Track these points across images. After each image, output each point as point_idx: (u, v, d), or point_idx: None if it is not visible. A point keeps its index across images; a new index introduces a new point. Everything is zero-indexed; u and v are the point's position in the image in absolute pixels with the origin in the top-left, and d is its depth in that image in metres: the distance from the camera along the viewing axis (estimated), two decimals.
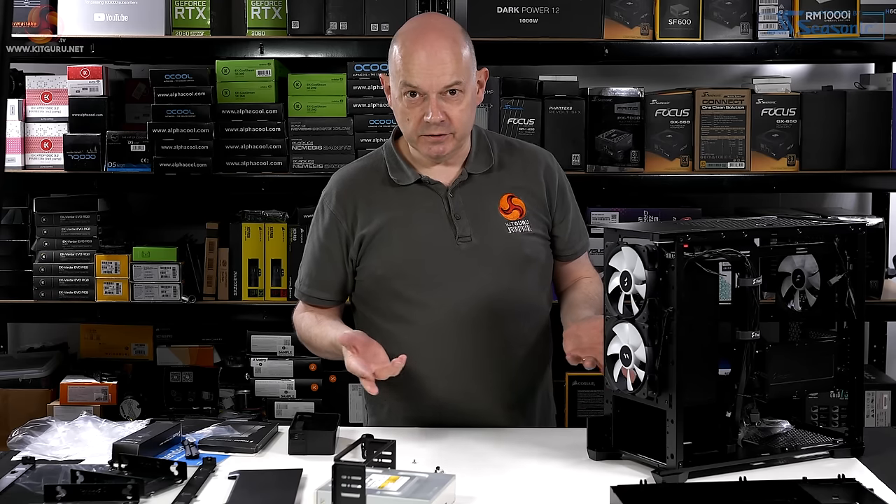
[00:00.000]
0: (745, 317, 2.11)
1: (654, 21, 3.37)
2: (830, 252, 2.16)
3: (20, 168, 3.49)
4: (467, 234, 2.43)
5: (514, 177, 2.51)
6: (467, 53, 2.41)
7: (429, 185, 2.47)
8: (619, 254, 2.07)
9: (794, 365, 2.14)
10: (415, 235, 2.44)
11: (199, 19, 3.47)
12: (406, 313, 2.44)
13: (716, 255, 2.03)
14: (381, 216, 2.45)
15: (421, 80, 2.35)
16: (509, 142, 2.60)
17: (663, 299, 2.00)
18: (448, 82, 2.36)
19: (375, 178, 2.50)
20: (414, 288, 2.43)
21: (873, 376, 3.57)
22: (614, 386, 2.11)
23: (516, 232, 2.46)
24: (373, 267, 2.46)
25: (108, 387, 3.50)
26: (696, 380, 2.05)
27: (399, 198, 2.47)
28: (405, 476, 1.95)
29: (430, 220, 2.45)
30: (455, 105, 2.38)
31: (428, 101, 2.36)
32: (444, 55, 2.36)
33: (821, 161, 3.44)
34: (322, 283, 2.53)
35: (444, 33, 2.40)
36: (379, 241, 2.45)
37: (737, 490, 1.92)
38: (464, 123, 2.41)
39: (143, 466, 2.04)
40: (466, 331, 2.42)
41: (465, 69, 2.39)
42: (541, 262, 2.51)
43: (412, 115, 2.39)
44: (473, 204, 2.46)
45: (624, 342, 2.06)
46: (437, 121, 2.36)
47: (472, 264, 2.42)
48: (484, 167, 2.50)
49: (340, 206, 2.49)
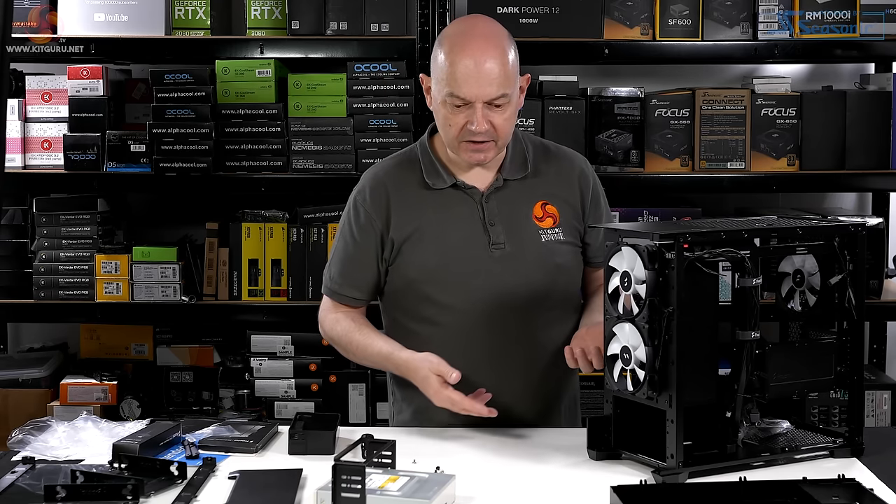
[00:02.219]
0: (745, 317, 2.10)
1: (654, 21, 3.37)
2: (830, 252, 2.16)
3: (20, 168, 3.49)
4: (501, 242, 2.42)
5: (548, 184, 2.49)
6: (513, 62, 2.37)
7: (464, 189, 2.45)
8: (619, 254, 2.06)
9: (794, 365, 2.14)
10: (449, 241, 2.42)
11: (199, 19, 3.47)
12: (435, 316, 2.44)
13: (716, 255, 2.03)
14: (415, 219, 2.44)
15: (468, 92, 2.31)
16: (545, 146, 2.57)
17: (663, 299, 2.00)
18: (495, 94, 2.32)
19: (410, 178, 2.47)
20: (445, 292, 2.42)
21: (873, 376, 3.58)
22: (614, 386, 2.11)
23: (549, 240, 2.45)
24: (405, 269, 2.45)
25: (108, 387, 3.50)
26: (696, 380, 2.05)
27: (434, 201, 2.45)
28: (405, 476, 1.95)
29: (465, 225, 2.43)
30: (500, 114, 2.35)
31: (472, 109, 2.32)
32: (492, 66, 2.31)
33: (821, 161, 3.44)
34: (354, 282, 2.51)
35: (491, 41, 2.34)
36: (413, 244, 2.44)
37: (737, 490, 1.92)
38: (507, 132, 2.39)
39: (143, 466, 2.04)
40: (495, 335, 2.41)
41: (512, 79, 2.35)
42: (571, 270, 2.50)
43: (455, 122, 2.35)
44: (508, 211, 2.44)
45: (624, 342, 2.06)
46: (482, 129, 2.33)
47: (504, 271, 2.41)
48: (520, 173, 2.47)
49: (375, 206, 2.46)
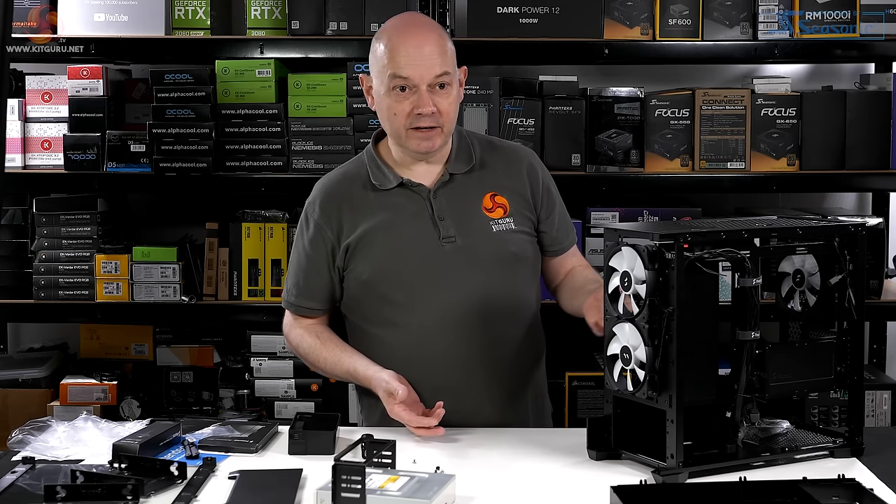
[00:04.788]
0: (745, 317, 2.11)
1: (654, 21, 3.37)
2: (830, 252, 2.16)
3: (20, 168, 3.49)
4: (451, 235, 2.44)
5: (496, 175, 2.52)
6: (451, 48, 2.44)
7: (411, 187, 2.47)
8: (619, 254, 2.06)
9: (794, 365, 2.14)
10: (399, 239, 2.44)
11: (199, 19, 3.47)
12: (394, 317, 2.45)
13: (716, 255, 2.03)
14: (365, 222, 2.46)
15: (411, 71, 2.36)
16: (490, 141, 2.61)
17: (663, 299, 2.00)
18: (438, 72, 2.37)
19: (357, 183, 2.51)
20: (400, 291, 2.43)
21: (873, 376, 3.57)
22: (614, 386, 2.11)
23: (501, 230, 2.47)
24: (359, 272, 2.46)
25: (108, 387, 3.50)
26: (696, 380, 2.05)
27: (382, 202, 2.47)
28: (405, 476, 1.95)
29: (414, 222, 2.45)
30: (444, 98, 2.40)
31: (417, 93, 2.37)
32: (433, 48, 2.38)
33: (821, 161, 3.44)
34: (310, 293, 2.54)
35: (429, 27, 2.44)
36: (364, 247, 2.45)
37: (737, 490, 1.92)
38: (451, 118, 2.43)
39: (143, 466, 2.04)
40: (454, 331, 2.42)
41: (451, 63, 2.42)
42: (528, 259, 2.52)
43: (400, 110, 2.39)
44: (456, 204, 2.47)
45: (624, 342, 2.06)
46: (429, 112, 2.37)
47: (458, 265, 2.43)
48: (465, 167, 2.50)
49: (325, 215, 2.49)
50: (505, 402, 2.49)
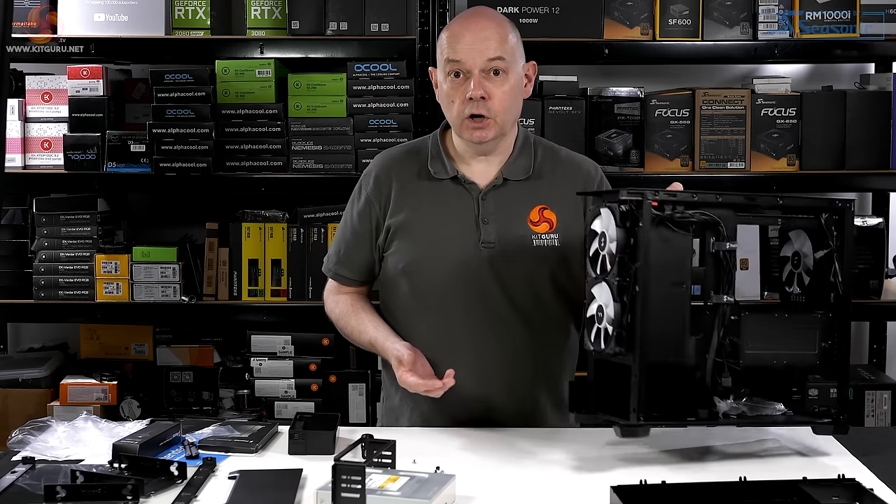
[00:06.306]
0: (718, 280, 2.09)
1: (654, 21, 3.37)
2: (817, 227, 2.16)
3: (20, 168, 3.49)
4: (491, 241, 2.41)
5: (551, 189, 2.46)
6: (514, 39, 2.40)
7: (464, 183, 2.45)
8: (599, 216, 2.08)
9: (773, 335, 2.12)
10: (439, 234, 2.43)
11: (199, 19, 3.47)
12: (422, 309, 2.44)
13: (686, 216, 2.03)
14: (410, 207, 2.45)
15: (464, 55, 2.35)
16: (556, 151, 2.54)
17: (632, 256, 2.01)
18: (491, 55, 2.34)
19: (415, 165, 2.48)
20: (430, 286, 2.42)
21: (873, 376, 3.58)
22: (590, 346, 2.10)
23: (542, 244, 2.42)
24: (396, 258, 2.46)
25: (108, 387, 3.50)
26: (664, 339, 2.04)
27: (431, 191, 2.45)
28: (405, 476, 1.95)
29: (457, 220, 2.43)
30: (497, 86, 2.36)
31: (471, 79, 2.35)
32: (489, 33, 2.36)
33: (821, 161, 3.44)
34: (350, 264, 2.55)
35: (489, 16, 2.42)
36: (404, 234, 2.45)
37: (736, 490, 1.92)
38: (505, 108, 2.38)
39: (143, 466, 2.04)
40: (475, 335, 2.41)
41: (510, 51, 2.38)
42: (562, 276, 2.44)
43: (456, 97, 2.37)
44: (503, 211, 2.43)
45: (600, 301, 2.07)
46: (477, 96, 2.33)
47: (490, 271, 2.40)
48: (522, 174, 2.46)
49: (377, 189, 2.49)
50: (524, 408, 2.47)
